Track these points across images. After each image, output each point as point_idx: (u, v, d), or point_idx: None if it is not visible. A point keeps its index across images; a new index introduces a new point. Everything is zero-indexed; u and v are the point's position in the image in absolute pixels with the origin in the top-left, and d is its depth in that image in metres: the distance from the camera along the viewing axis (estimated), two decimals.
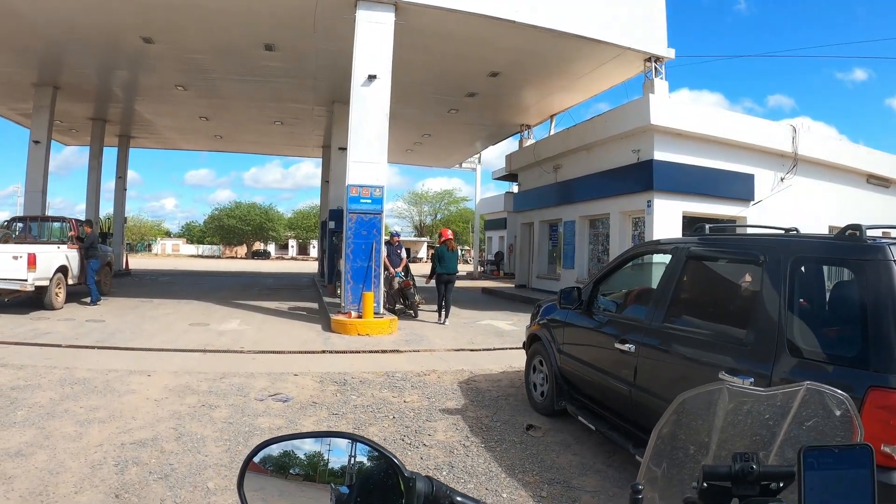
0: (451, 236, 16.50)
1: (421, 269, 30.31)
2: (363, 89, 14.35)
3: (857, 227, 4.07)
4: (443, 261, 16.02)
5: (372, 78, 14.26)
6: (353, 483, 1.12)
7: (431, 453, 6.22)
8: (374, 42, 14.43)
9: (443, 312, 16.11)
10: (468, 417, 7.52)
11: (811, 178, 21.39)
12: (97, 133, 28.87)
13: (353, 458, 1.14)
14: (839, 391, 1.35)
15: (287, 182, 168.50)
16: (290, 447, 1.17)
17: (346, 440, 1.15)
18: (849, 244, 4.10)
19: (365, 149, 14.37)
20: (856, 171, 23.22)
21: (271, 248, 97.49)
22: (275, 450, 1.17)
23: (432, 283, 16.40)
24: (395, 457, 1.09)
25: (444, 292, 16.05)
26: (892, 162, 24.89)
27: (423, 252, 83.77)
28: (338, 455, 1.14)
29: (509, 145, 33.90)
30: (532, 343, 8.11)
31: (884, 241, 3.98)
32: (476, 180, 42.55)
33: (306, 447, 1.16)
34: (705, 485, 1.24)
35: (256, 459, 1.17)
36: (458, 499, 1.08)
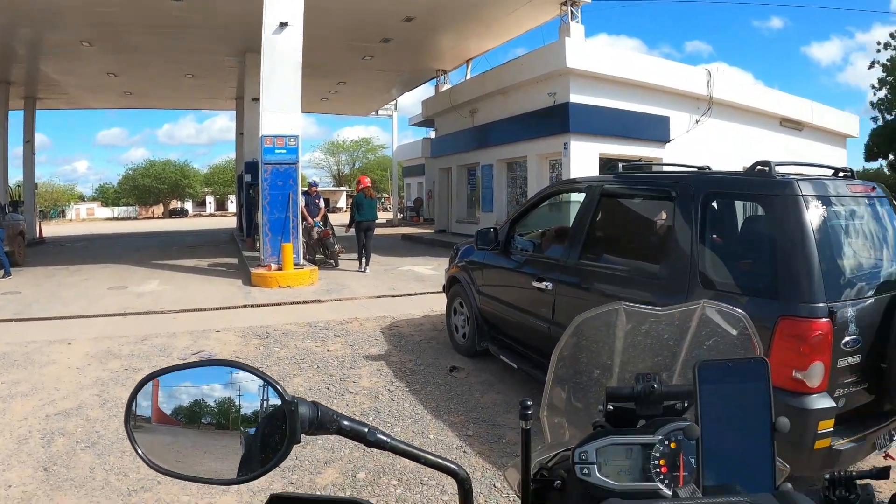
0: (368, 184, 16.37)
1: (341, 218, 30.07)
2: (275, 37, 13.97)
3: (766, 163, 4.19)
4: (361, 209, 15.90)
5: (283, 25, 13.89)
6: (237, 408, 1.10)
7: (357, 400, 6.25)
8: None
9: (363, 260, 16.05)
10: (392, 363, 7.55)
11: (726, 121, 21.89)
12: (1, 96, 27.57)
13: (240, 387, 1.12)
14: (737, 309, 1.37)
15: (202, 137, 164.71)
16: (175, 380, 1.14)
17: (230, 368, 1.13)
18: (759, 179, 4.22)
19: (278, 98, 14.04)
20: (769, 114, 23.81)
21: (189, 205, 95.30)
22: (167, 384, 1.14)
23: (352, 231, 16.30)
24: (276, 382, 1.07)
25: (364, 240, 15.96)
26: (805, 106, 25.61)
27: (342, 202, 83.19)
28: (225, 404, 1.12)
29: (426, 91, 33.82)
30: (451, 286, 8.13)
31: (792, 176, 4.11)
32: (393, 127, 42.27)
33: (197, 400, 1.14)
34: (611, 407, 1.25)
35: (146, 413, 1.15)
36: (345, 423, 1.07)
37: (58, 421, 5.73)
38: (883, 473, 1.10)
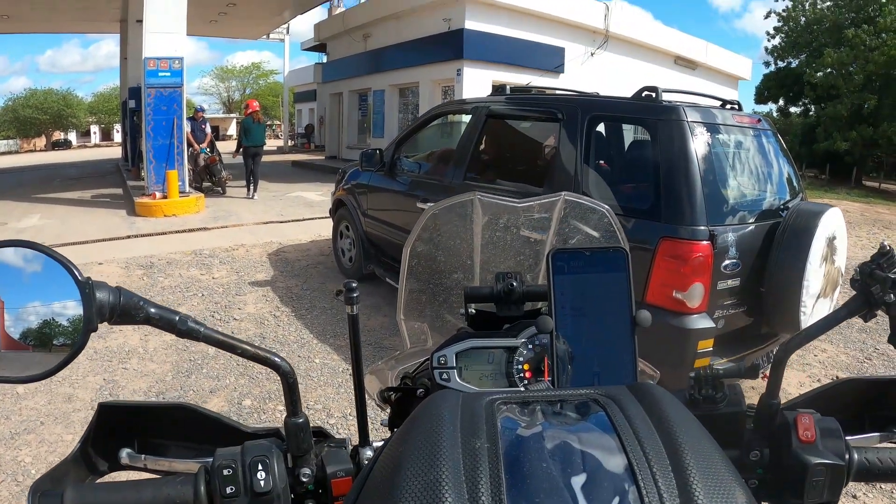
0: (257, 108, 16.01)
1: (230, 146, 29.59)
2: None
3: (653, 88, 4.25)
4: (249, 133, 15.60)
5: None
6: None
7: (242, 326, 6.21)
8: None
9: (251, 186, 15.80)
10: (278, 288, 7.51)
11: (621, 56, 22.31)
12: None
13: (28, 270, 1.01)
14: (600, 204, 1.32)
15: (88, 64, 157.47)
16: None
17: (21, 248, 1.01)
18: (645, 104, 4.27)
19: (162, 18, 13.39)
20: (664, 51, 24.39)
21: (72, 136, 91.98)
22: None
23: (240, 157, 15.97)
24: (69, 262, 0.96)
25: (252, 166, 15.67)
26: (700, 46, 26.40)
27: (232, 129, 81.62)
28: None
29: (320, 14, 33.22)
30: (338, 209, 8.04)
31: (678, 102, 4.14)
32: (285, 52, 41.33)
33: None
34: (472, 310, 1.19)
35: None
36: (153, 310, 0.97)
37: None
38: (751, 372, 1.08)
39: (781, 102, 42.76)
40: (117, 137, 74.52)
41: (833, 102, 34.70)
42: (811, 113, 40.72)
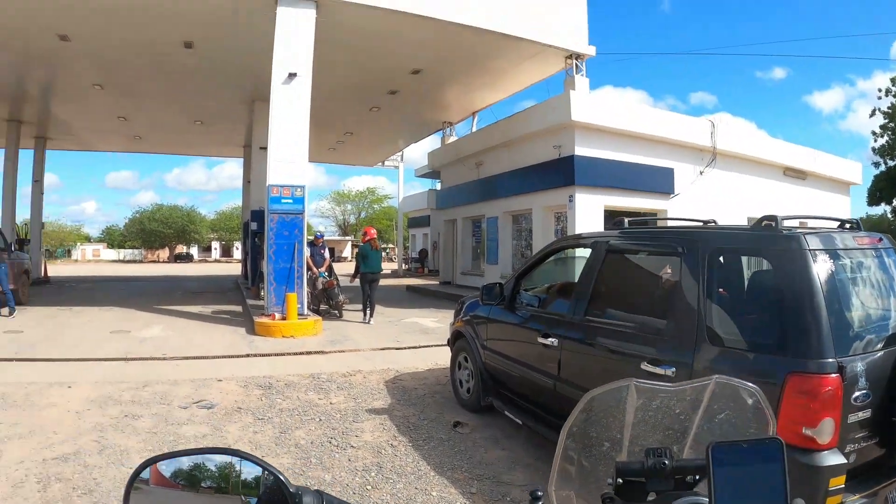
0: (374, 235, 16.44)
1: (346, 268, 30.10)
2: (284, 87, 14.14)
3: (772, 217, 4.18)
4: (367, 259, 15.97)
5: (292, 76, 14.06)
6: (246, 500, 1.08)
7: (359, 454, 6.16)
8: (294, 39, 14.24)
9: (367, 311, 16.02)
10: (395, 417, 7.47)
11: (730, 172, 22.04)
12: (12, 135, 27.77)
13: (242, 474, 1.10)
14: (749, 384, 1.35)
15: (211, 183, 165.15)
16: (178, 464, 1.12)
17: (232, 456, 1.11)
18: (765, 234, 4.21)
19: (286, 148, 14.16)
20: (773, 163, 23.99)
21: (194, 250, 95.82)
22: (166, 466, 1.12)
23: (357, 282, 16.32)
24: (280, 473, 1.04)
25: (369, 291, 15.97)
26: (808, 155, 25.83)
27: (347, 251, 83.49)
28: (225, 469, 1.10)
29: (432, 142, 34.12)
30: (456, 340, 8.11)
31: (799, 230, 4.10)
32: (399, 178, 42.48)
33: (197, 463, 1.12)
34: (620, 481, 1.23)
35: (145, 475, 1.12)
36: None
37: (55, 465, 5.66)
38: None
39: (895, 203, 41.44)
40: (237, 254, 77.14)
41: None
42: None
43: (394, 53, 18.69)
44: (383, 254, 18.46)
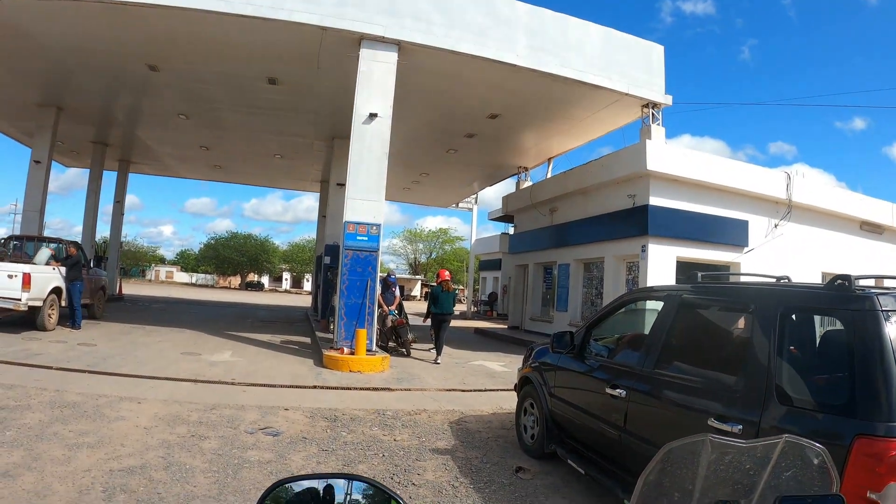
0: (448, 277, 16.75)
1: (414, 307, 30.16)
2: (364, 127, 14.45)
3: (846, 277, 4.15)
4: (438, 301, 16.24)
5: (373, 116, 14.37)
6: None
7: (420, 493, 6.18)
8: (376, 80, 14.62)
9: (437, 351, 16.18)
10: (458, 458, 7.48)
11: (805, 225, 21.62)
12: (97, 156, 29.04)
13: (359, 499, 1.16)
14: (816, 444, 1.40)
15: (287, 215, 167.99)
16: (300, 487, 1.20)
17: (352, 481, 1.18)
18: (838, 294, 4.17)
19: (363, 186, 14.44)
20: (849, 217, 23.46)
21: (265, 279, 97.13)
22: (291, 490, 1.20)
23: (428, 322, 16.49)
24: (401, 498, 1.12)
25: (439, 331, 16.17)
26: (885, 209, 25.16)
27: (416, 290, 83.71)
28: (342, 494, 1.17)
29: (506, 186, 34.17)
30: (523, 386, 8.12)
31: (872, 291, 4.05)
32: (472, 220, 42.58)
33: (317, 486, 1.19)
34: None
35: (269, 499, 1.20)
36: None
37: (121, 477, 5.82)
38: None
39: None
40: (307, 286, 77.97)
41: None
42: None
43: (472, 97, 18.97)
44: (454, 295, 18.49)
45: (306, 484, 1.21)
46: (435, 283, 16.83)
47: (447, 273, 17.12)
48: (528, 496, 6.26)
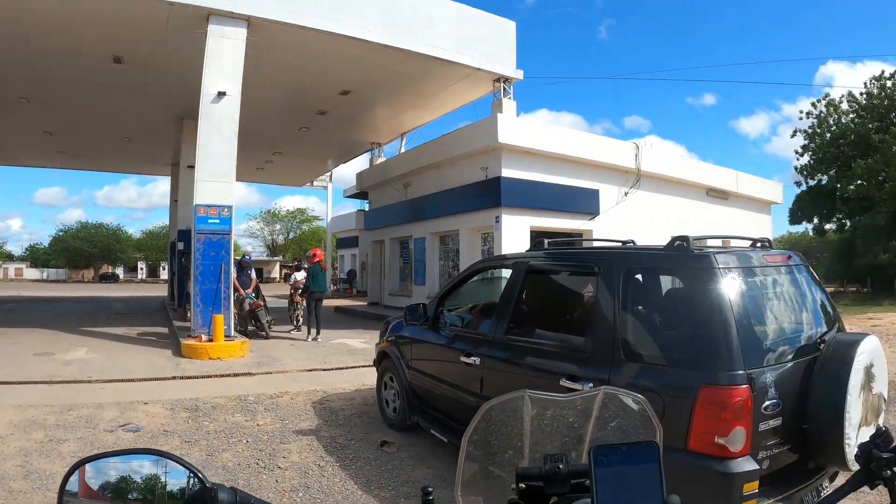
0: (322, 256, 16.86)
1: (275, 289, 29.74)
2: (212, 106, 14.07)
3: (684, 237, 4.36)
4: (316, 280, 16.38)
5: (222, 94, 14.00)
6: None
7: (287, 475, 6.17)
8: (224, 57, 14.22)
9: (315, 330, 16.27)
10: (322, 437, 7.49)
11: (654, 193, 22.62)
12: None
13: (168, 483, 1.17)
14: (635, 393, 1.47)
15: (142, 201, 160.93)
16: (104, 465, 1.19)
17: (156, 456, 1.18)
18: (677, 254, 4.39)
19: (213, 167, 14.07)
20: (696, 184, 24.76)
21: (120, 271, 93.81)
22: (94, 476, 1.19)
23: (285, 302, 16.50)
24: (198, 470, 1.13)
25: (316, 311, 16.29)
26: (730, 176, 26.77)
27: (276, 272, 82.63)
28: (151, 480, 1.17)
29: (361, 163, 34.09)
30: (382, 360, 8.13)
31: (710, 250, 4.27)
32: (328, 198, 42.39)
33: (124, 475, 1.18)
34: (522, 486, 1.33)
35: (73, 488, 1.19)
36: None
37: None
38: None
39: (816, 221, 42.78)
40: (164, 275, 75.63)
41: (870, 213, 34.66)
42: (847, 227, 40.55)
43: (324, 74, 18.76)
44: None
45: (114, 461, 1.20)
46: (310, 263, 16.71)
47: (321, 251, 17.24)
48: (395, 469, 6.33)
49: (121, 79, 19.02)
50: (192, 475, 1.16)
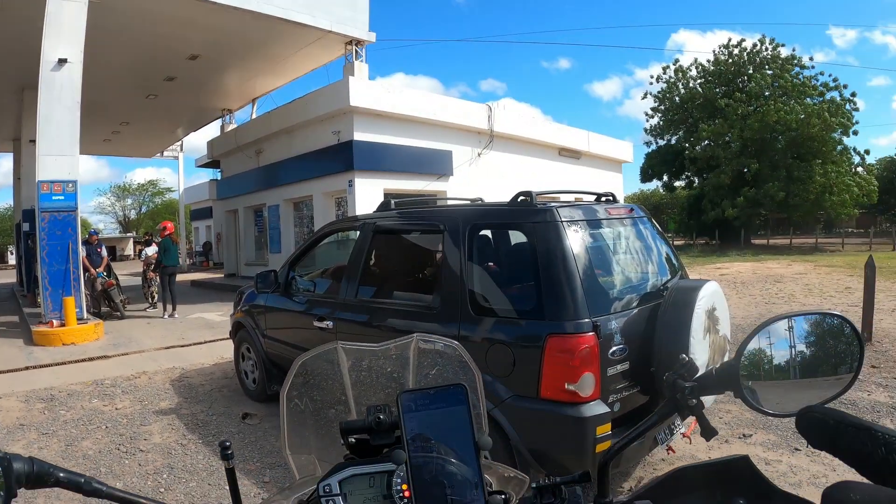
0: (173, 229, 16.52)
1: (130, 267, 28.81)
2: (53, 74, 13.22)
3: (528, 193, 4.49)
4: (168, 253, 16.04)
5: (63, 62, 13.16)
6: None
7: (149, 458, 6.06)
8: (65, 22, 13.33)
9: (170, 306, 16.03)
10: (183, 415, 7.38)
11: (507, 153, 23.17)
12: None
13: None
14: (449, 340, 1.50)
15: None
16: None
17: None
18: (521, 209, 4.51)
19: (56, 140, 13.29)
20: (548, 144, 25.52)
21: None
22: None
23: (139, 279, 16.10)
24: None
25: (170, 285, 16.01)
26: (581, 136, 27.70)
27: (129, 249, 79.91)
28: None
29: (213, 131, 33.35)
30: (238, 331, 8.05)
31: (553, 204, 4.40)
32: (179, 169, 41.21)
33: None
34: (352, 440, 1.33)
35: None
36: (62, 475, 1.11)
37: None
38: (584, 477, 1.22)
39: (666, 178, 44.98)
40: (12, 259, 71.76)
41: (715, 172, 36.64)
42: (695, 185, 42.65)
43: (170, 38, 18.06)
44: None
45: None
46: (161, 237, 16.27)
47: (171, 225, 16.84)
48: (258, 440, 6.31)
49: None
50: None
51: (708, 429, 1.31)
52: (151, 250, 17.77)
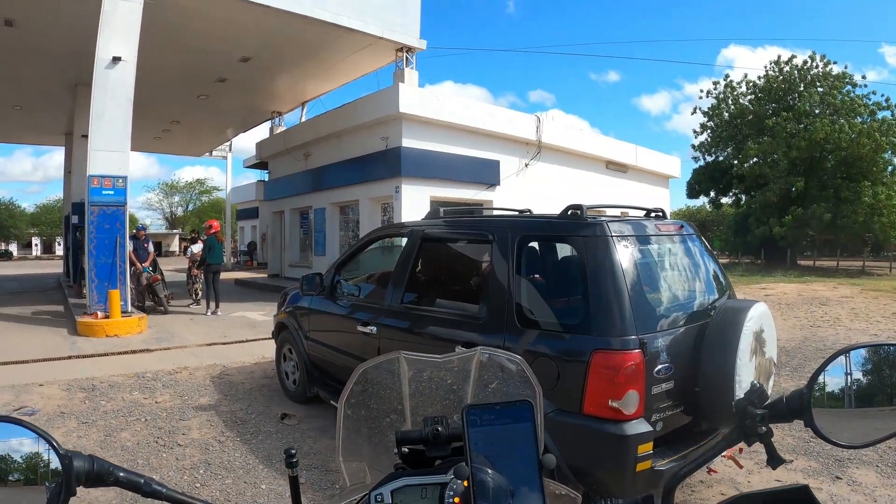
0: (218, 227, 16.62)
1: (174, 263, 29.09)
2: (107, 72, 13.46)
3: (578, 206, 4.43)
4: (213, 252, 16.16)
5: (117, 60, 13.40)
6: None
7: (187, 453, 6.08)
8: (120, 20, 13.56)
9: (214, 304, 16.12)
10: (222, 412, 7.41)
11: (555, 164, 23.01)
12: None
13: (19, 442, 1.12)
14: (514, 355, 1.48)
15: (38, 174, 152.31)
16: None
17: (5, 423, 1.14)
18: (570, 222, 4.43)
19: (107, 136, 13.52)
20: (595, 157, 25.33)
21: (13, 247, 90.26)
22: None
23: (199, 273, 16.43)
24: (51, 437, 1.10)
25: (214, 283, 16.12)
26: (629, 149, 27.46)
27: (175, 245, 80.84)
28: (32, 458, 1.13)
29: (262, 132, 33.58)
30: (280, 332, 8.09)
31: (602, 218, 4.35)
32: (227, 169, 41.68)
33: None
34: (405, 450, 1.31)
35: None
36: (122, 475, 1.11)
37: None
38: (647, 501, 1.22)
39: (712, 195, 44.53)
40: (59, 250, 73.05)
41: (762, 190, 36.08)
42: (742, 202, 42.14)
43: (223, 40, 18.31)
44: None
45: None
46: (206, 235, 16.41)
47: (217, 223, 16.93)
48: (296, 441, 6.31)
49: (12, 43, 18.11)
50: (44, 443, 1.12)
51: (776, 457, 1.28)
52: (197, 248, 17.88)
